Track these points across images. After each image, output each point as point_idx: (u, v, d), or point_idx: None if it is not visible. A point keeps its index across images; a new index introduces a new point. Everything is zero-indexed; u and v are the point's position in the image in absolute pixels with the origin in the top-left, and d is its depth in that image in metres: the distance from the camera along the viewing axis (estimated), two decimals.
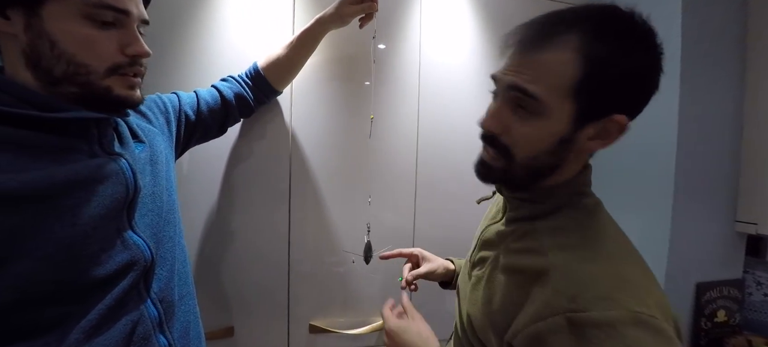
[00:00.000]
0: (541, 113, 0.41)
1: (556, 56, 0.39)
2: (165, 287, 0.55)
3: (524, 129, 0.42)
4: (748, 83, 1.07)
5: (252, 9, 0.93)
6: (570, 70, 0.39)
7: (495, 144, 0.45)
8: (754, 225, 1.05)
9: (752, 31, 1.06)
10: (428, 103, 1.06)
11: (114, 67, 0.48)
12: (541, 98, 0.40)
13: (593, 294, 0.37)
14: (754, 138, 1.06)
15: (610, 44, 0.39)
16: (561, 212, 0.45)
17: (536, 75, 0.40)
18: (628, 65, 0.39)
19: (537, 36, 0.41)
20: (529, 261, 0.44)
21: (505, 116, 0.43)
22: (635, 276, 0.40)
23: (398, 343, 0.60)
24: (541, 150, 0.42)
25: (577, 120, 0.41)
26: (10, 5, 0.44)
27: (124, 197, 0.50)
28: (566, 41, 0.39)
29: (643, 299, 0.37)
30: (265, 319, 0.97)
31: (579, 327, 0.36)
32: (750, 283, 1.14)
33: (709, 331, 1.07)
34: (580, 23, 0.40)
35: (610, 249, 0.42)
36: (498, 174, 0.46)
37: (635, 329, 0.35)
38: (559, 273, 0.40)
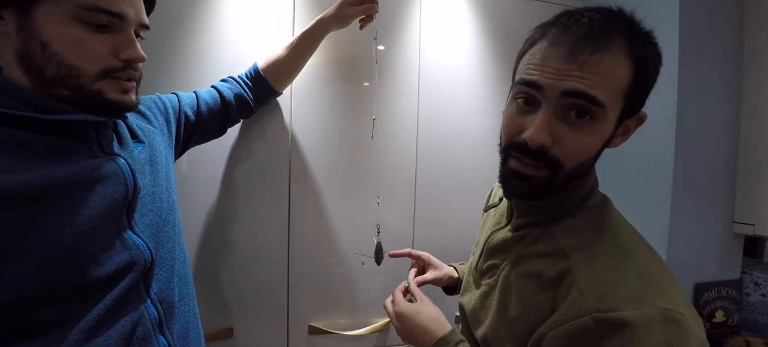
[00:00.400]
0: (600, 119, 0.39)
1: (615, 59, 0.38)
2: (165, 287, 0.55)
3: (579, 137, 0.39)
4: (745, 85, 1.08)
5: (252, 10, 0.93)
6: (625, 73, 0.38)
7: (542, 157, 0.41)
8: (751, 226, 1.06)
9: (748, 33, 1.07)
10: (428, 104, 1.06)
11: (106, 70, 0.47)
12: (606, 104, 0.38)
13: (621, 293, 0.37)
14: (752, 139, 1.07)
15: (648, 46, 0.39)
16: (572, 214, 0.45)
17: (599, 79, 0.37)
18: (657, 67, 0.40)
19: (593, 37, 0.38)
20: (548, 265, 0.43)
21: (554, 126, 0.40)
22: (657, 273, 0.40)
23: (408, 326, 0.59)
24: (590, 156, 0.41)
25: (619, 121, 0.41)
26: (3, 6, 0.44)
27: (123, 198, 0.50)
28: (618, 44, 0.38)
29: (670, 295, 0.37)
30: (264, 320, 0.97)
31: (608, 327, 0.35)
32: (748, 284, 1.14)
33: (707, 332, 1.06)
34: (625, 26, 0.39)
35: (628, 247, 0.42)
36: (540, 186, 0.43)
37: (665, 326, 0.35)
38: (583, 274, 0.39)
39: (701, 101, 1.04)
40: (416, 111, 1.06)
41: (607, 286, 0.37)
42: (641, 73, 0.39)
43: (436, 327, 0.57)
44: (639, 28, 0.40)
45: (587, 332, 0.36)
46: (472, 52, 1.10)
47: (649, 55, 0.39)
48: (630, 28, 0.39)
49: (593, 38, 0.38)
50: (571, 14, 0.40)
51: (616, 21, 0.39)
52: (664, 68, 0.42)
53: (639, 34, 0.39)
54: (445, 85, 1.07)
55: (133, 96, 0.52)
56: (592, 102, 0.38)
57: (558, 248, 0.43)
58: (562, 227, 0.44)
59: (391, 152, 1.04)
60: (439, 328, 0.56)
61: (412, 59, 1.04)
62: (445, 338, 0.55)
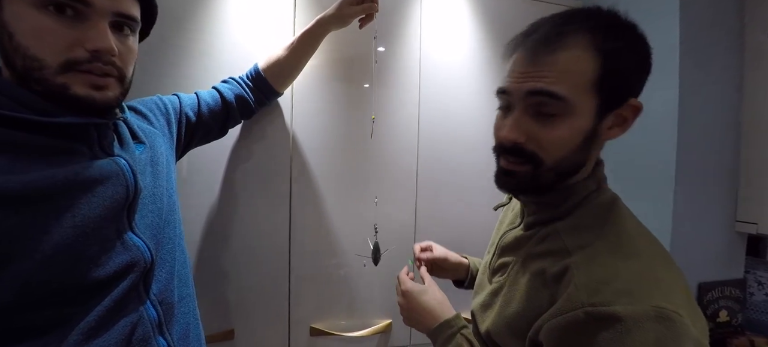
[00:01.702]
0: (567, 113, 0.41)
1: (573, 54, 0.40)
2: (165, 288, 0.55)
3: (552, 132, 0.42)
4: (746, 84, 1.08)
5: (253, 10, 0.93)
6: (590, 65, 0.40)
7: (520, 153, 0.44)
8: (754, 225, 1.05)
9: (749, 30, 1.07)
10: (429, 104, 1.06)
11: (69, 62, 0.44)
12: (568, 98, 0.40)
13: (615, 288, 0.37)
14: (754, 138, 1.07)
15: (614, 38, 0.41)
16: (579, 211, 0.45)
17: (558, 76, 0.40)
18: (635, 54, 0.42)
19: (547, 39, 0.41)
20: (551, 263, 0.43)
21: (525, 124, 0.43)
22: (660, 272, 0.40)
23: (414, 305, 0.60)
24: (570, 150, 0.43)
25: (599, 113, 0.42)
26: None
27: (124, 198, 0.50)
28: (577, 40, 0.40)
29: (667, 295, 0.37)
30: (265, 322, 0.96)
31: (600, 320, 0.36)
32: (751, 283, 1.14)
33: (711, 332, 1.06)
34: (585, 21, 0.41)
35: (631, 245, 0.42)
36: (525, 181, 0.45)
37: (658, 324, 0.35)
38: (581, 270, 0.40)
39: (703, 99, 1.04)
40: (417, 111, 1.05)
41: (602, 282, 0.38)
42: (610, 64, 0.40)
43: (440, 309, 0.57)
44: (604, 22, 0.42)
45: (580, 325, 0.37)
46: (473, 52, 1.10)
47: (616, 46, 0.41)
48: (593, 23, 0.41)
49: (549, 39, 0.41)
50: (536, 22, 0.44)
51: (576, 21, 0.42)
52: (665, 66, 0.42)
53: (602, 27, 0.41)
54: (445, 85, 1.07)
55: (111, 94, 0.47)
56: (553, 97, 0.41)
57: (562, 246, 0.43)
58: (568, 225, 0.45)
59: (392, 152, 1.04)
60: (443, 311, 0.57)
61: (412, 59, 1.04)
62: (449, 321, 0.55)
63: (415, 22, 1.04)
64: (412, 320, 0.61)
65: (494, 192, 0.81)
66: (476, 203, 1.10)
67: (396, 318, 1.06)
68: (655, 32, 1.08)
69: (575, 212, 0.46)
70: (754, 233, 1.06)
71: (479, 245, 0.80)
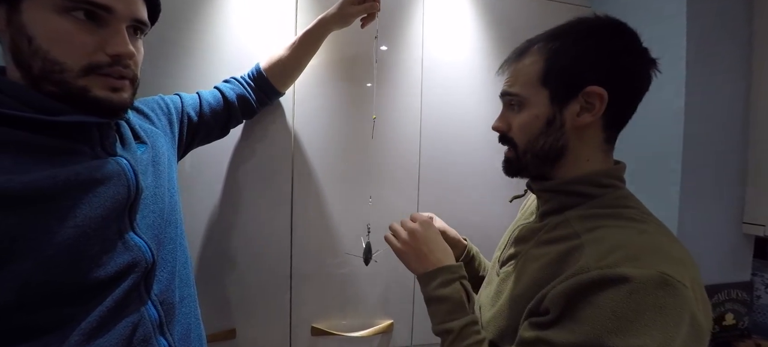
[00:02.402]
0: (525, 105, 0.51)
1: (526, 61, 0.52)
2: (166, 289, 0.54)
3: (517, 120, 0.53)
4: (754, 83, 1.06)
5: (254, 10, 0.93)
6: (535, 66, 0.50)
7: (505, 140, 0.55)
8: (761, 227, 1.04)
9: (758, 31, 1.05)
10: (431, 103, 1.06)
11: (91, 66, 0.45)
12: (520, 93, 0.52)
13: (623, 254, 0.40)
14: (761, 138, 1.05)
15: (560, 39, 0.50)
16: (589, 202, 0.49)
17: (514, 79, 0.53)
18: (577, 48, 0.48)
19: (514, 55, 0.54)
20: (561, 246, 0.47)
21: (505, 117, 0.55)
22: (668, 248, 0.43)
23: (422, 238, 0.60)
24: (534, 133, 0.51)
25: (554, 101, 0.49)
26: None
27: (125, 198, 0.50)
28: (531, 50, 0.52)
29: (675, 267, 0.39)
30: (266, 321, 0.97)
31: (607, 280, 0.39)
32: (758, 286, 1.12)
33: (717, 335, 1.06)
34: (541, 36, 0.52)
35: (642, 227, 0.45)
36: (515, 165, 0.55)
37: (662, 289, 0.37)
38: (591, 246, 0.43)
39: (710, 100, 1.02)
40: (419, 110, 1.05)
41: (610, 250, 0.41)
42: (551, 61, 0.49)
43: (443, 255, 0.59)
44: (552, 31, 0.51)
45: (586, 285, 0.40)
46: (475, 51, 1.09)
47: (556, 46, 0.49)
48: (551, 33, 0.51)
49: (516, 54, 0.54)
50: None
51: (538, 38, 0.52)
52: (672, 65, 0.42)
53: (557, 34, 0.50)
54: (447, 85, 1.07)
55: (126, 95, 0.49)
56: (512, 95, 0.53)
57: (572, 231, 0.47)
58: (579, 214, 0.49)
59: (394, 152, 1.03)
60: (446, 257, 0.59)
61: (414, 59, 1.04)
62: (451, 267, 0.57)
63: (418, 22, 1.04)
64: (411, 255, 0.60)
65: (497, 192, 0.81)
66: (478, 203, 1.09)
67: (397, 318, 1.05)
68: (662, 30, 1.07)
69: (584, 203, 0.49)
70: (761, 235, 1.05)
71: (482, 244, 0.80)
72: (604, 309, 0.38)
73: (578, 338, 0.39)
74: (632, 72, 0.48)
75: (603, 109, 0.47)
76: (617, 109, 0.49)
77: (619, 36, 0.49)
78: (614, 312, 0.38)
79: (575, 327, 0.39)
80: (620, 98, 0.48)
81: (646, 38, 0.51)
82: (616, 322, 0.37)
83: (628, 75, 0.48)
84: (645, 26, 0.51)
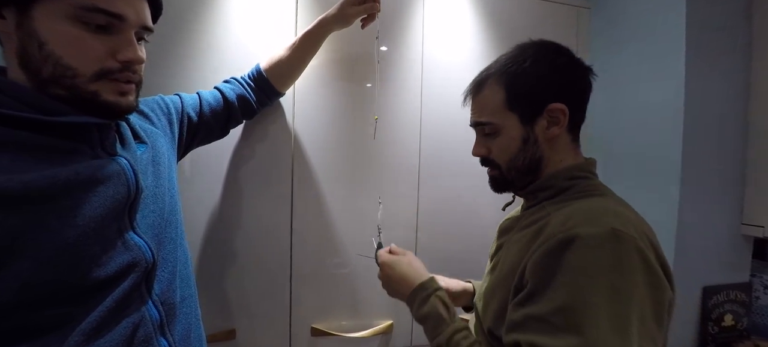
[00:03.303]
0: (498, 130, 0.57)
1: (489, 91, 0.57)
2: (166, 289, 0.54)
3: (496, 145, 0.58)
4: (754, 84, 1.07)
5: (255, 10, 0.93)
6: (498, 95, 0.56)
7: (488, 163, 0.61)
8: (760, 228, 1.04)
9: (757, 32, 1.05)
10: (431, 103, 1.06)
11: (103, 71, 0.46)
12: (491, 120, 0.57)
13: (579, 219, 0.46)
14: (760, 139, 1.05)
15: (515, 65, 0.55)
16: (563, 194, 0.55)
17: (480, 109, 0.59)
18: (536, 70, 0.54)
19: (474, 86, 0.60)
20: (535, 226, 0.52)
21: (482, 143, 0.60)
22: (627, 212, 0.48)
23: (390, 274, 0.65)
24: (513, 153, 0.56)
25: (524, 122, 0.55)
26: (3, 4, 0.44)
27: (125, 198, 0.50)
28: (490, 80, 0.58)
29: (625, 224, 0.45)
30: (266, 322, 0.96)
31: (566, 242, 0.44)
32: (757, 287, 1.12)
33: (716, 336, 1.06)
34: (495, 66, 0.58)
35: (603, 199, 0.52)
36: (501, 182, 0.60)
37: (613, 242, 0.43)
38: (557, 216, 0.49)
39: (709, 101, 1.02)
40: (419, 111, 1.05)
41: (569, 217, 0.47)
42: (513, 86, 0.55)
43: (414, 275, 0.62)
44: (505, 59, 0.57)
45: (552, 248, 0.45)
46: (475, 52, 1.09)
47: (514, 72, 0.55)
48: (500, 63, 0.57)
49: (475, 86, 0.60)
50: (477, 75, 0.61)
51: (493, 66, 0.58)
52: (671, 66, 0.43)
53: (509, 62, 0.56)
54: (448, 85, 1.07)
55: (132, 98, 0.51)
56: (484, 124, 0.58)
57: (546, 213, 0.53)
58: (554, 201, 0.55)
59: (394, 152, 1.03)
60: (417, 276, 0.62)
61: (415, 59, 1.04)
62: (423, 284, 0.60)
63: (418, 22, 1.04)
64: (392, 290, 0.66)
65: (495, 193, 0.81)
66: (478, 203, 1.09)
67: (397, 318, 1.05)
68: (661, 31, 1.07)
69: (560, 194, 0.55)
70: (760, 236, 1.05)
71: (482, 244, 0.80)
72: (568, 267, 0.43)
73: (554, 303, 0.44)
74: (580, 82, 0.56)
75: (567, 120, 0.54)
76: (575, 114, 0.55)
77: (562, 54, 0.56)
78: (577, 268, 0.43)
79: (552, 293, 0.44)
80: (576, 106, 0.55)
81: (645, 39, 0.53)
82: (580, 277, 0.43)
83: (578, 86, 0.56)
84: (644, 26, 0.52)
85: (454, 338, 0.54)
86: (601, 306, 0.41)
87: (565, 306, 0.43)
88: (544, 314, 0.44)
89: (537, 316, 0.45)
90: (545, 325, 0.43)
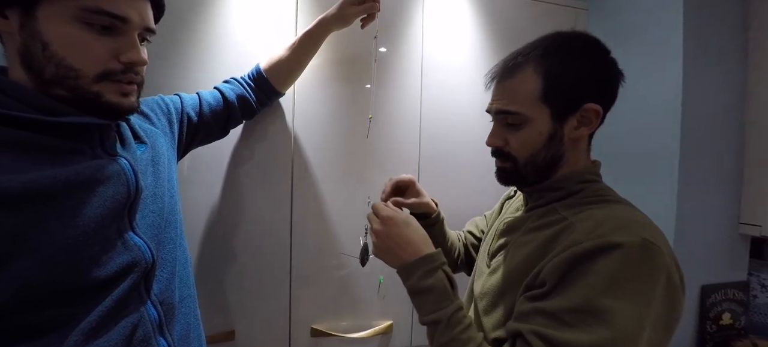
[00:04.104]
0: (525, 122, 0.53)
1: (522, 78, 0.52)
2: (165, 289, 0.54)
3: (518, 138, 0.54)
4: (750, 85, 1.07)
5: (255, 11, 0.93)
6: (535, 84, 0.51)
7: (502, 155, 0.57)
8: (758, 227, 1.05)
9: (754, 35, 1.06)
10: (430, 103, 1.06)
11: (105, 73, 0.47)
12: (521, 112, 0.52)
13: (611, 226, 0.45)
14: (757, 139, 1.06)
15: (556, 56, 0.51)
16: (573, 197, 0.53)
17: (511, 97, 0.53)
18: (577, 67, 0.51)
19: (505, 69, 0.54)
20: (550, 229, 0.50)
21: (500, 133, 0.56)
22: (645, 220, 0.49)
23: (395, 233, 0.56)
24: (536, 149, 0.53)
25: (555, 118, 0.52)
26: (7, 5, 0.44)
27: (125, 198, 0.50)
28: (526, 65, 0.52)
29: (653, 235, 0.45)
30: (266, 322, 0.96)
31: (601, 248, 0.43)
32: (755, 286, 1.13)
33: (714, 334, 1.06)
34: (533, 50, 0.52)
35: (620, 206, 0.51)
36: (511, 174, 0.57)
37: (645, 252, 0.43)
38: (582, 223, 0.48)
39: (706, 102, 1.03)
40: (418, 111, 1.05)
41: (599, 225, 0.46)
42: (551, 80, 0.51)
43: (424, 244, 0.56)
44: (546, 45, 0.52)
45: (581, 254, 0.44)
46: (475, 53, 1.10)
47: (556, 63, 0.51)
48: (539, 50, 0.52)
49: (506, 70, 0.54)
50: (507, 56, 0.55)
51: (527, 50, 0.53)
52: (669, 66, 0.43)
53: (544, 51, 0.52)
54: (447, 85, 1.07)
55: (133, 99, 0.51)
56: (510, 114, 0.53)
57: (560, 216, 0.51)
58: (565, 204, 0.53)
59: (394, 153, 1.03)
60: (426, 246, 0.56)
61: (414, 59, 1.04)
62: (432, 255, 0.54)
63: (417, 23, 1.04)
64: (386, 249, 0.57)
65: (495, 193, 0.81)
66: (478, 204, 1.09)
67: (397, 319, 1.05)
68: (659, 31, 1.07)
69: (569, 197, 0.54)
70: (757, 235, 1.06)
71: None
72: (599, 273, 0.43)
73: (572, 302, 0.43)
74: (615, 86, 0.53)
75: (598, 123, 0.52)
76: (604, 117, 0.53)
77: (604, 53, 0.52)
78: (608, 275, 0.42)
79: (570, 292, 0.44)
80: (607, 108, 0.53)
81: (642, 40, 0.53)
82: (608, 283, 0.42)
83: (614, 90, 0.53)
84: (641, 28, 0.52)
85: (456, 315, 0.51)
86: (617, 310, 0.41)
87: (580, 308, 0.43)
88: (556, 310, 0.44)
89: (548, 311, 0.44)
90: (554, 321, 0.43)
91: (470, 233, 0.84)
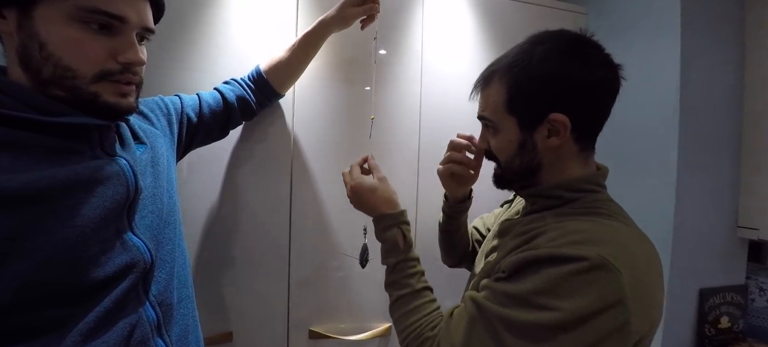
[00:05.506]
0: (498, 129, 0.55)
1: (494, 89, 0.54)
2: (164, 290, 0.54)
3: (495, 142, 0.57)
4: (748, 89, 1.08)
5: (255, 12, 0.93)
6: (500, 96, 0.53)
7: (491, 157, 0.59)
8: (755, 230, 1.05)
9: (749, 30, 1.07)
10: (430, 105, 1.06)
11: (103, 73, 0.46)
12: (492, 118, 0.55)
13: (573, 239, 0.45)
14: (755, 144, 1.07)
15: (518, 67, 0.51)
16: (568, 206, 0.52)
17: (485, 105, 0.57)
18: (536, 78, 0.50)
19: (481, 80, 0.58)
20: (530, 234, 0.51)
21: (484, 136, 0.60)
22: (627, 241, 0.46)
23: (363, 201, 0.67)
24: (510, 154, 0.55)
25: (523, 127, 0.52)
26: (4, 5, 0.44)
27: (124, 199, 0.50)
28: (493, 77, 0.55)
29: (616, 255, 0.42)
30: (264, 324, 0.96)
31: (551, 258, 0.44)
32: (753, 289, 1.13)
33: (712, 338, 1.07)
34: (501, 64, 0.54)
35: (607, 221, 0.49)
36: (501, 179, 0.59)
37: (596, 270, 0.41)
38: (551, 232, 0.48)
39: (705, 106, 1.04)
40: (418, 112, 1.05)
41: (562, 236, 0.46)
42: (514, 90, 0.52)
43: (385, 205, 0.65)
44: (512, 58, 0.52)
45: (533, 258, 0.45)
46: (474, 54, 1.10)
47: (519, 74, 0.51)
48: (510, 60, 0.52)
49: (483, 79, 0.57)
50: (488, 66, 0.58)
51: (503, 59, 0.54)
52: (667, 67, 0.43)
53: (517, 61, 0.51)
54: (447, 86, 1.07)
55: (132, 99, 0.51)
56: (485, 120, 0.57)
57: (544, 224, 0.51)
58: (556, 213, 0.53)
59: (393, 154, 1.04)
60: (388, 207, 0.65)
61: (414, 61, 1.04)
62: (388, 215, 0.64)
63: (417, 24, 1.04)
64: (359, 207, 0.69)
65: (493, 198, 0.81)
66: (478, 204, 1.09)
67: None
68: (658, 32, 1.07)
69: (564, 205, 0.53)
70: (755, 238, 1.06)
71: None
72: (542, 277, 0.43)
73: (514, 290, 0.45)
74: (592, 87, 0.49)
75: (567, 133, 0.49)
76: (584, 125, 0.51)
77: (577, 54, 0.49)
78: (551, 281, 0.43)
79: (515, 284, 0.46)
80: (584, 116, 0.50)
81: (640, 42, 0.52)
82: (549, 287, 0.43)
83: (588, 93, 0.49)
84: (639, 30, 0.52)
85: (401, 264, 0.60)
86: (550, 306, 0.42)
87: (518, 297, 0.45)
88: (499, 291, 0.47)
89: (493, 289, 0.48)
90: (494, 297, 0.47)
91: (476, 229, 0.86)
